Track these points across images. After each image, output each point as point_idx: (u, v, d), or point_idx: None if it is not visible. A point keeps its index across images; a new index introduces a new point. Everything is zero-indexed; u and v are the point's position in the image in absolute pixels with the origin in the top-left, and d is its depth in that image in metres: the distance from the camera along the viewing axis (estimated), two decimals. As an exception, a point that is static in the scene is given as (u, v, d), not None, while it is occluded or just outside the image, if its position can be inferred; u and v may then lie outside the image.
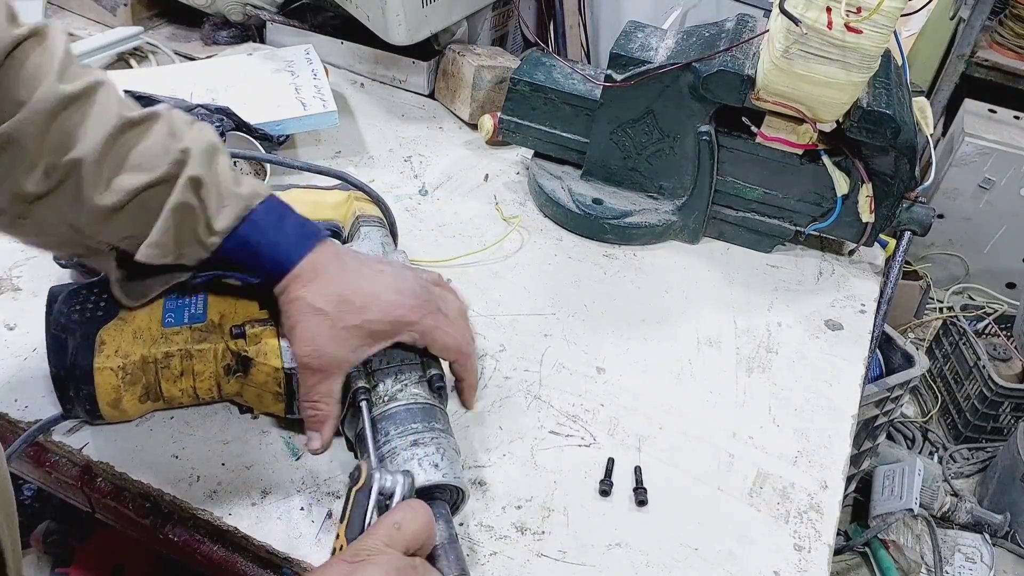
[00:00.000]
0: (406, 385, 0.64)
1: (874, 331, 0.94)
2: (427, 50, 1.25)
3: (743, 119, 0.95)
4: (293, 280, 0.62)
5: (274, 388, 0.66)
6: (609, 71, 0.97)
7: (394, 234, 0.82)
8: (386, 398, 0.63)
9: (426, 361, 0.66)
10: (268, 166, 0.99)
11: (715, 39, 0.94)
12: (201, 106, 0.93)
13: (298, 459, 0.69)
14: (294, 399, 0.67)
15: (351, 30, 1.25)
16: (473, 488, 0.69)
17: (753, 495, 0.73)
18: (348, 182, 0.81)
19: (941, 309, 2.36)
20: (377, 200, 0.81)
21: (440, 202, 1.05)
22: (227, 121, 0.93)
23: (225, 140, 0.92)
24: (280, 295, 0.63)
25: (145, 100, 0.92)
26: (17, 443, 0.65)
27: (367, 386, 0.63)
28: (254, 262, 0.62)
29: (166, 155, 0.59)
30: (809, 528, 0.70)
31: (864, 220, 0.97)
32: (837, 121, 0.90)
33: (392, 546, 0.49)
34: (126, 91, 0.92)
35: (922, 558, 1.69)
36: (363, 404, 0.63)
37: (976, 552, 1.74)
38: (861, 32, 0.77)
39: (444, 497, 0.61)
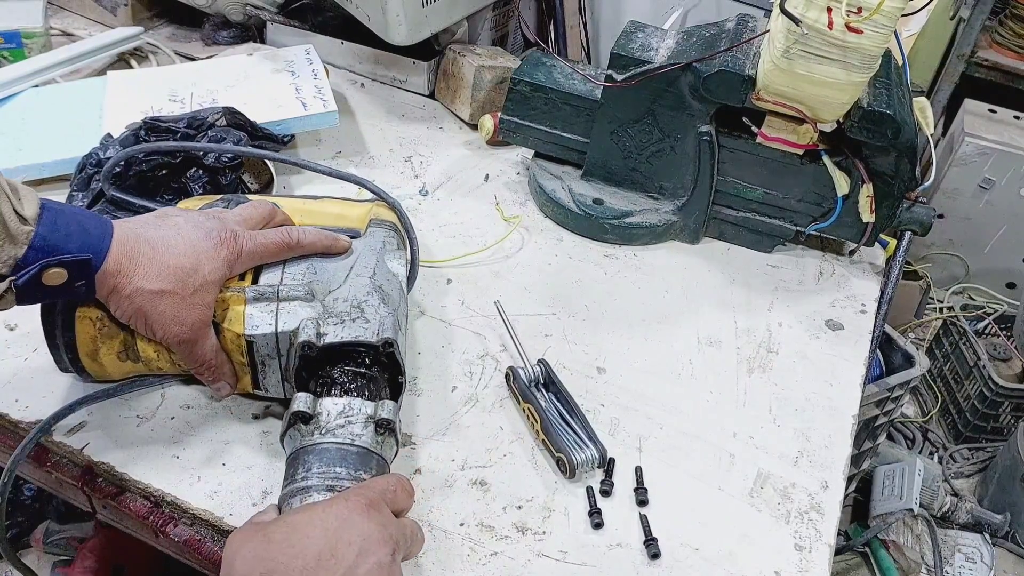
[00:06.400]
0: (349, 421, 0.60)
1: (874, 331, 0.94)
2: (427, 50, 1.25)
3: (743, 119, 0.95)
4: (116, 275, 0.61)
5: (239, 357, 0.67)
6: (609, 71, 0.97)
7: (412, 240, 0.81)
8: (323, 429, 0.60)
9: (381, 403, 0.62)
10: (272, 168, 0.99)
11: (715, 39, 0.95)
12: (211, 109, 0.93)
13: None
14: (258, 372, 0.68)
15: (351, 30, 1.25)
16: (474, 488, 0.69)
17: (754, 495, 0.73)
18: (367, 188, 0.81)
19: (941, 309, 2.36)
20: (393, 206, 0.81)
21: (440, 202, 1.05)
22: (245, 137, 0.93)
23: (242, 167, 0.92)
24: (110, 294, 0.62)
25: (159, 126, 0.91)
26: (19, 449, 0.65)
27: (306, 411, 0.60)
28: (67, 248, 0.59)
29: None
30: (810, 528, 0.70)
31: (864, 220, 0.97)
32: (838, 121, 0.90)
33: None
34: (148, 119, 0.91)
35: (922, 558, 1.69)
36: (291, 433, 0.61)
37: (976, 552, 1.74)
38: (862, 32, 0.77)
39: None
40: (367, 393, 0.63)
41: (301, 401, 0.61)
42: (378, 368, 0.66)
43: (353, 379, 0.63)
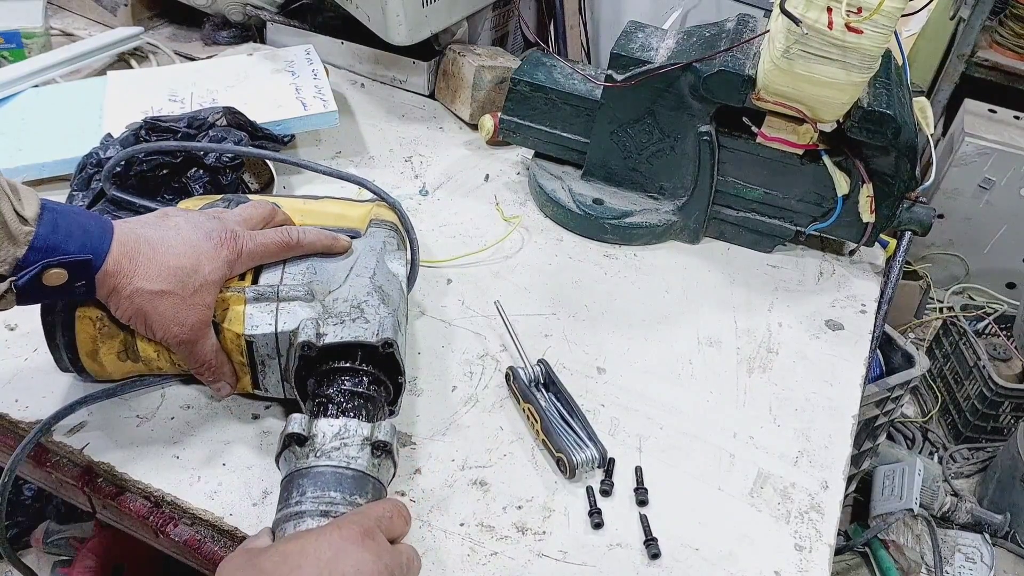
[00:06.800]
0: (344, 444, 0.59)
1: (874, 331, 0.94)
2: (427, 50, 1.25)
3: (743, 119, 0.95)
4: (116, 275, 0.61)
5: (239, 357, 0.67)
6: (609, 71, 0.97)
7: (412, 240, 0.81)
8: (318, 452, 0.58)
9: (378, 424, 0.60)
10: (272, 168, 0.99)
11: (715, 39, 0.95)
12: (212, 109, 0.93)
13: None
14: (258, 372, 0.68)
15: (351, 30, 1.25)
16: (474, 488, 0.69)
17: (754, 495, 0.73)
18: (367, 188, 0.81)
19: (941, 309, 2.36)
20: (393, 206, 0.81)
21: (440, 202, 1.05)
22: (245, 137, 0.93)
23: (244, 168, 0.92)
24: (110, 294, 0.62)
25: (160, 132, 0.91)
26: (19, 449, 0.65)
27: (300, 433, 0.58)
28: (67, 249, 0.59)
29: None
30: (810, 528, 0.70)
31: (864, 220, 0.97)
32: (838, 121, 0.90)
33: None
34: (149, 119, 0.91)
35: (922, 558, 1.69)
36: (285, 455, 0.59)
37: (976, 552, 1.74)
38: (862, 32, 0.77)
39: None
40: (364, 414, 0.62)
41: (295, 423, 0.59)
42: (375, 386, 0.65)
43: (350, 399, 0.62)
